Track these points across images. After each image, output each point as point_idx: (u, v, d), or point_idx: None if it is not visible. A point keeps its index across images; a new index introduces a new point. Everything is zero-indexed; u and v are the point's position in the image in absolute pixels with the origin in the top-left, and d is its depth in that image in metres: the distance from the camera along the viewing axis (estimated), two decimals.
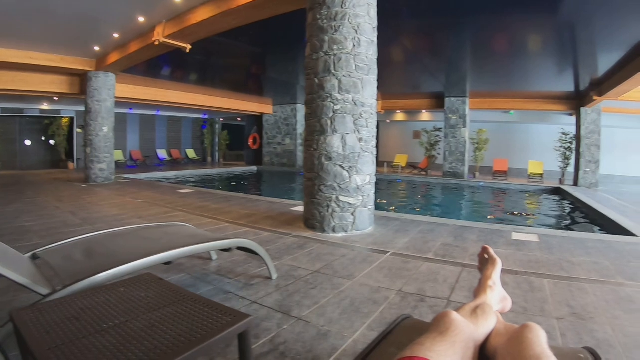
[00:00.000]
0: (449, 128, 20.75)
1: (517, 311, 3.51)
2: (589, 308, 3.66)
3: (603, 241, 6.61)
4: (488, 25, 10.18)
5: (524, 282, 4.31)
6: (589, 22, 9.51)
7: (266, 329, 2.99)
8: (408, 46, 12.55)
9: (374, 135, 6.73)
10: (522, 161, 22.95)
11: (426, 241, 6.02)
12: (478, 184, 19.33)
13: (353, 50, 6.27)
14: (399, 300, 3.66)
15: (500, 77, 16.71)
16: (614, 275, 4.73)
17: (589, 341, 3.00)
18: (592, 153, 18.86)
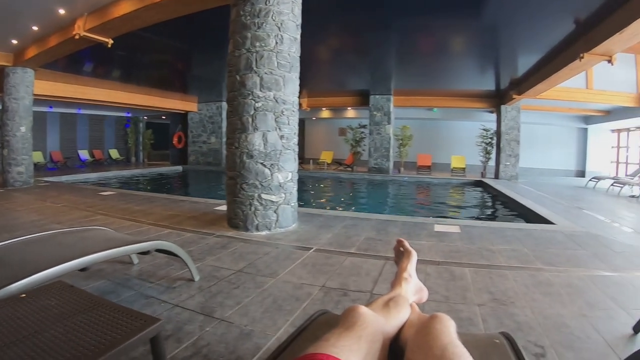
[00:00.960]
0: (374, 125, 21.12)
1: (439, 300, 3.60)
2: (509, 293, 3.81)
3: (522, 230, 6.92)
4: (413, 25, 10.39)
5: (445, 271, 4.42)
6: (511, 25, 10.05)
7: (188, 332, 2.90)
8: (334, 44, 12.66)
9: (295, 133, 6.71)
10: (446, 156, 23.86)
11: (349, 236, 6.06)
12: (403, 179, 19.78)
13: (275, 48, 6.22)
14: (322, 295, 3.65)
15: (424, 76, 17.20)
16: (532, 261, 4.96)
17: (509, 325, 3.12)
18: (512, 148, 20.10)
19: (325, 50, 13.29)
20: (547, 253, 5.40)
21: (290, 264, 4.58)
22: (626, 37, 8.45)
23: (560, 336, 2.98)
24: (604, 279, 4.42)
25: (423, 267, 4.52)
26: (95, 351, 1.62)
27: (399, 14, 9.41)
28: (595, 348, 2.84)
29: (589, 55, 9.70)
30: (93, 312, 2.03)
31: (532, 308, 3.47)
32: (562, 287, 4.05)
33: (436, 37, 11.49)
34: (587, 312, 3.46)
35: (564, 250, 5.63)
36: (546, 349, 2.77)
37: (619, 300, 3.75)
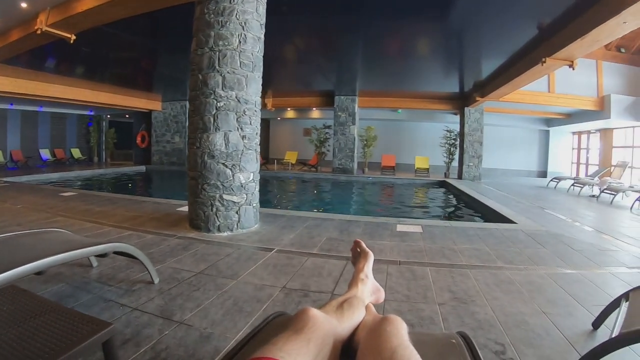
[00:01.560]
0: (339, 125, 21.19)
1: (400, 300, 3.60)
2: (470, 292, 3.84)
3: (484, 229, 7.02)
4: (380, 28, 10.42)
5: (407, 271, 4.42)
6: (476, 30, 10.24)
7: (147, 336, 2.81)
8: (300, 45, 12.63)
9: (257, 133, 6.64)
10: (409, 157, 24.21)
11: (312, 236, 6.03)
12: (367, 179, 19.86)
13: (239, 47, 6.15)
14: (283, 296, 3.61)
15: (389, 78, 17.36)
16: (494, 260, 5.03)
17: (470, 323, 3.14)
18: (474, 149, 20.59)
19: (292, 50, 13.24)
20: (508, 252, 5.49)
21: (252, 265, 4.52)
22: (587, 43, 8.69)
23: (521, 333, 3.01)
24: (564, 276, 4.49)
25: (385, 267, 4.54)
26: (45, 357, 1.59)
27: (366, 17, 9.46)
28: (555, 344, 2.87)
29: (551, 59, 9.96)
30: (44, 317, 1.99)
31: (492, 306, 3.50)
32: (523, 285, 4.10)
33: (403, 40, 11.59)
34: (548, 309, 3.51)
35: (525, 248, 5.73)
36: (506, 347, 2.79)
37: (578, 297, 3.82)
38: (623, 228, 8.48)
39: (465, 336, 1.63)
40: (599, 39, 8.51)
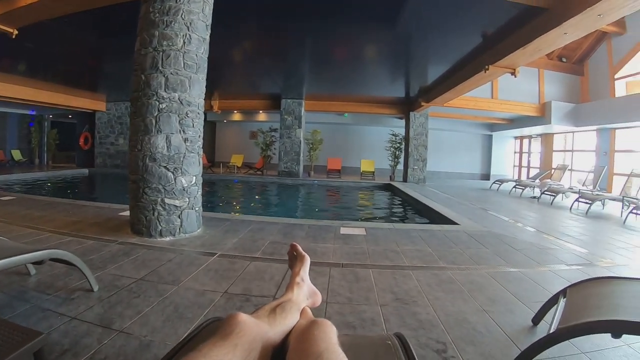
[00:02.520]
0: (285, 129, 21.18)
1: (342, 302, 3.57)
2: (412, 292, 3.85)
3: (427, 230, 7.10)
4: (329, 32, 10.46)
5: (349, 273, 4.41)
6: (423, 37, 10.42)
7: (86, 345, 2.69)
8: (248, 47, 12.47)
9: (200, 136, 6.50)
10: (355, 160, 24.45)
11: (255, 240, 5.95)
12: (312, 183, 19.92)
13: (183, 48, 6.01)
14: (224, 302, 3.53)
15: (337, 82, 17.41)
16: (436, 261, 5.08)
17: (411, 323, 3.14)
18: (419, 152, 21.07)
19: (239, 52, 13.11)
20: (450, 252, 5.57)
21: (194, 271, 4.40)
22: (529, 52, 8.98)
23: (462, 332, 3.03)
24: (505, 275, 4.59)
25: (327, 269, 4.51)
26: None
27: (315, 21, 9.44)
28: (496, 341, 2.92)
29: (494, 67, 10.23)
30: None
31: (434, 306, 3.52)
32: (464, 284, 4.15)
33: (351, 45, 11.64)
34: (488, 307, 3.56)
35: (466, 249, 5.83)
36: (447, 345, 2.81)
37: (519, 295, 3.90)
38: (563, 227, 8.76)
39: (401, 337, 1.63)
40: (540, 49, 8.80)
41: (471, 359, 2.66)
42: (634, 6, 6.06)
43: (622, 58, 17.79)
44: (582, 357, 2.75)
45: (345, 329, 3.00)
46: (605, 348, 2.86)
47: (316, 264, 4.67)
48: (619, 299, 2.74)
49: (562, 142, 23.34)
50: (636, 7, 6.14)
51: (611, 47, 18.41)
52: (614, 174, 18.29)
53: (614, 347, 2.89)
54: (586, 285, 3.11)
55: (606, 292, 2.88)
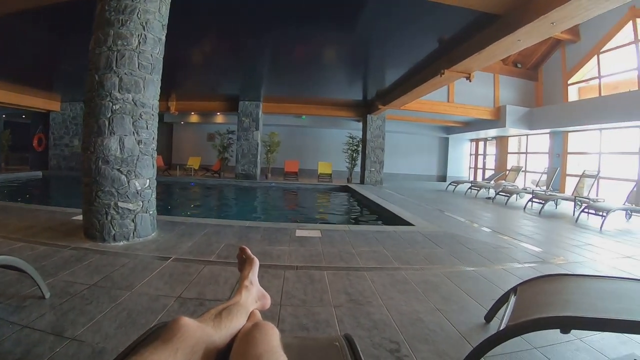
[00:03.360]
0: (242, 131, 21.02)
1: (297, 304, 3.55)
2: (367, 293, 3.86)
3: (382, 232, 7.15)
4: (288, 35, 10.41)
5: (304, 275, 4.40)
6: (381, 41, 10.51)
7: (38, 355, 2.61)
8: (206, 48, 12.29)
9: (154, 138, 6.38)
10: (313, 162, 24.39)
11: (210, 244, 5.87)
12: (270, 185, 19.82)
13: (138, 47, 5.88)
14: (178, 306, 3.46)
15: (295, 84, 17.39)
16: (390, 261, 5.12)
17: (365, 324, 3.14)
18: (376, 155, 21.31)
19: (197, 53, 12.90)
20: (405, 253, 5.61)
21: (148, 275, 4.31)
22: (484, 57, 9.16)
23: (415, 331, 3.06)
24: (459, 274, 4.65)
25: (282, 272, 4.48)
26: None
27: (274, 23, 9.38)
28: (449, 339, 2.96)
29: (450, 72, 10.41)
30: None
31: (388, 306, 3.53)
32: (418, 284, 4.19)
33: (310, 48, 11.61)
34: (442, 306, 3.60)
35: (421, 249, 5.90)
36: (401, 344, 2.82)
37: (472, 293, 3.96)
38: (516, 227, 8.96)
39: (349, 338, 1.64)
40: (494, 54, 8.97)
41: (424, 357, 2.67)
42: (586, 15, 6.24)
43: (575, 65, 18.67)
44: (534, 352, 2.81)
45: (299, 331, 3.00)
46: (557, 343, 2.94)
47: (271, 266, 4.65)
48: (568, 295, 2.80)
49: (517, 145, 24.03)
50: (588, 16, 6.33)
51: (565, 54, 19.30)
52: (567, 175, 19.08)
53: (566, 342, 2.98)
54: (536, 283, 3.17)
55: (556, 289, 2.94)
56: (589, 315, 2.32)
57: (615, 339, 3.11)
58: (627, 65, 16.15)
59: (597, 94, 17.52)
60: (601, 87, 17.41)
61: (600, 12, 6.10)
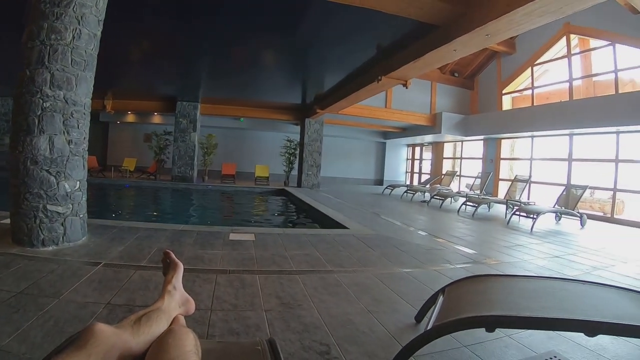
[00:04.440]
0: (179, 132, 20.62)
1: (227, 309, 3.49)
2: (298, 296, 3.84)
3: (316, 235, 7.17)
4: (227, 36, 10.27)
5: (236, 279, 4.34)
6: (321, 46, 10.57)
7: None
8: (144, 46, 11.93)
9: (85, 138, 6.15)
10: (250, 165, 24.22)
11: (142, 248, 5.69)
12: (206, 188, 19.55)
13: (72, 43, 5.64)
14: (107, 313, 3.34)
15: (234, 86, 17.18)
16: (323, 264, 5.12)
17: (296, 327, 3.13)
18: (314, 158, 21.46)
19: (134, 51, 12.49)
20: (338, 256, 5.64)
21: (76, 282, 4.14)
22: (420, 65, 9.36)
23: (346, 333, 3.06)
24: (391, 276, 4.71)
25: (213, 276, 4.40)
26: None
27: (214, 24, 9.24)
28: (379, 340, 2.99)
29: (387, 78, 10.58)
30: None
31: (319, 309, 3.53)
32: (350, 286, 4.21)
33: (249, 50, 11.49)
34: (373, 307, 3.63)
35: (355, 252, 5.94)
36: (331, 347, 2.82)
37: (403, 294, 4.02)
38: (450, 229, 9.19)
39: (272, 342, 1.66)
40: (431, 63, 9.19)
41: (354, 358, 2.69)
42: (519, 29, 6.48)
43: (509, 75, 19.61)
44: (464, 350, 2.88)
45: (230, 336, 2.95)
46: (487, 340, 3.02)
47: (203, 271, 4.56)
48: (494, 295, 2.87)
49: (452, 150, 24.74)
50: (521, 30, 6.58)
51: (500, 65, 20.23)
52: (500, 180, 19.92)
53: (495, 339, 3.06)
54: (464, 283, 3.24)
55: (482, 289, 3.02)
56: (512, 314, 2.40)
57: (543, 335, 3.23)
58: (559, 77, 17.17)
59: (529, 103, 18.50)
60: (534, 98, 18.40)
61: (533, 27, 6.34)
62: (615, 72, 14.27)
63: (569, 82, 16.25)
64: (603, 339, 3.22)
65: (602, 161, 15.02)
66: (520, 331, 3.20)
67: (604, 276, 5.73)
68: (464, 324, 2.38)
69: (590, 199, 16.56)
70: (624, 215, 14.85)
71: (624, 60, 14.11)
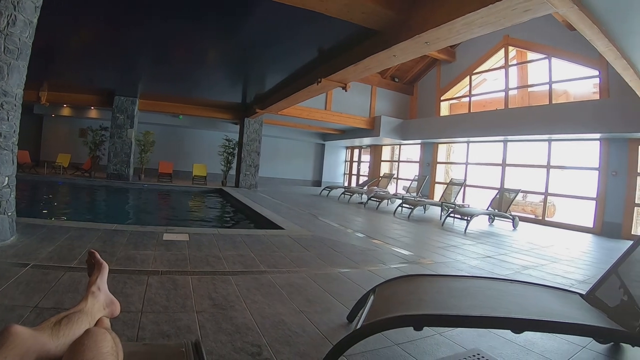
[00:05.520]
0: (116, 128, 19.80)
1: (158, 311, 3.42)
2: (231, 297, 3.80)
3: (252, 235, 7.14)
4: (168, 30, 10.00)
5: (168, 281, 4.25)
6: (264, 46, 10.50)
7: None
8: (83, 36, 11.42)
9: (15, 131, 5.87)
10: (188, 164, 23.77)
11: (73, 248, 5.45)
12: (142, 186, 19.06)
13: (6, 29, 5.37)
14: (34, 317, 3.18)
15: (174, 82, 16.81)
16: (257, 265, 5.10)
17: (228, 328, 3.10)
18: (252, 158, 21.40)
19: (72, 41, 11.87)
20: (272, 256, 5.64)
21: (3, 284, 3.93)
22: (359, 69, 9.46)
23: (278, 333, 3.06)
24: (325, 276, 4.75)
25: (145, 278, 4.29)
26: None
27: (154, 17, 8.95)
28: (311, 340, 3.00)
29: (326, 80, 10.63)
30: None
31: (251, 310, 3.51)
32: (284, 287, 4.21)
33: (190, 47, 11.29)
34: (306, 308, 3.64)
35: (289, 252, 5.95)
36: (262, 348, 2.81)
37: (336, 294, 4.06)
38: (385, 230, 9.35)
39: (197, 344, 1.66)
40: (370, 67, 9.28)
41: (286, 359, 2.69)
42: (458, 38, 6.65)
43: (448, 83, 20.35)
44: (395, 348, 2.93)
45: (160, 339, 2.88)
46: (419, 338, 3.08)
47: (135, 272, 4.43)
48: (423, 294, 2.94)
49: (389, 153, 25.18)
50: (460, 39, 6.76)
51: (440, 72, 20.94)
52: (436, 182, 20.59)
53: (427, 337, 3.14)
54: (395, 283, 3.30)
55: (412, 289, 3.08)
56: (438, 313, 2.46)
57: (474, 332, 3.32)
58: (496, 86, 18.11)
59: (467, 110, 19.24)
60: (471, 105, 19.16)
61: (473, 37, 6.52)
62: (550, 83, 15.14)
63: (505, 91, 17.10)
64: (533, 334, 3.35)
65: (535, 167, 15.81)
66: (451, 329, 3.28)
67: (535, 275, 5.97)
68: (392, 323, 2.43)
69: (522, 202, 17.43)
70: (555, 217, 15.74)
71: (559, 72, 15.03)
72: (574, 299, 3.24)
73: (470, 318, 2.43)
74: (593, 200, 13.48)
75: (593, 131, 12.81)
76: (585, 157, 14.56)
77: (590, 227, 13.38)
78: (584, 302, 3.20)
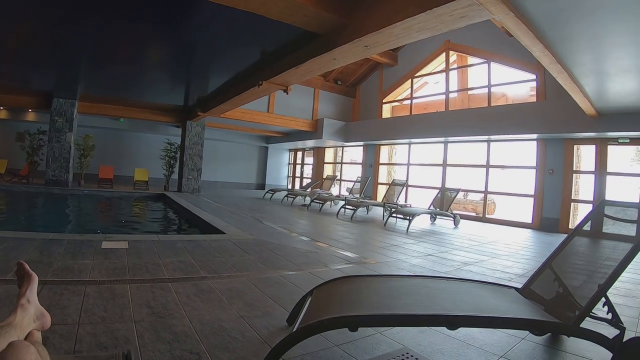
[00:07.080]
0: (54, 132, 18.91)
1: (96, 322, 3.31)
2: (170, 305, 3.75)
3: (192, 241, 7.05)
4: (107, 28, 9.59)
5: (106, 290, 4.13)
6: (206, 47, 10.44)
7: None
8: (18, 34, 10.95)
9: None
10: (129, 169, 23.17)
11: (8, 260, 5.19)
12: (82, 192, 18.45)
13: None
14: None
15: (115, 84, 16.29)
16: (197, 271, 5.04)
17: (166, 337, 3.05)
18: (194, 162, 21.13)
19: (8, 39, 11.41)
20: (213, 262, 5.59)
21: None
22: (301, 72, 9.50)
23: (217, 340, 3.04)
24: (266, 280, 4.76)
25: (82, 288, 4.15)
26: None
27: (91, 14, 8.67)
28: (250, 345, 3.00)
29: (268, 83, 10.63)
30: None
31: (190, 317, 3.47)
32: (224, 292, 4.19)
33: (131, 47, 11.00)
34: (246, 312, 3.63)
35: (230, 257, 5.91)
36: (201, 355, 2.78)
37: (277, 298, 4.08)
38: (328, 232, 9.44)
39: (128, 355, 1.67)
40: (312, 70, 9.33)
41: None
42: (398, 42, 6.76)
43: (390, 86, 20.83)
44: (335, 349, 2.96)
45: (98, 350, 2.78)
46: (359, 338, 3.12)
47: (72, 282, 4.29)
48: (359, 295, 2.99)
49: (332, 155, 25.34)
50: (399, 43, 6.88)
51: (382, 75, 21.38)
52: (379, 183, 20.99)
53: (367, 337, 3.18)
54: (332, 285, 3.34)
55: (348, 290, 3.13)
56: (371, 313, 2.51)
57: (414, 329, 3.39)
58: (437, 89, 18.79)
59: (408, 112, 19.72)
60: (412, 107, 19.69)
61: (412, 41, 6.73)
62: (489, 87, 15.80)
63: (446, 94, 17.68)
64: (472, 329, 3.43)
65: (475, 167, 16.42)
66: (391, 328, 3.32)
67: (475, 271, 6.16)
68: (327, 324, 2.46)
69: (464, 201, 17.92)
70: (495, 214, 16.42)
71: (498, 76, 15.71)
72: (510, 294, 3.36)
73: (403, 317, 2.50)
74: (531, 197, 14.17)
75: (530, 132, 13.43)
76: (523, 156, 15.27)
77: (529, 223, 14.05)
78: (519, 296, 3.32)
